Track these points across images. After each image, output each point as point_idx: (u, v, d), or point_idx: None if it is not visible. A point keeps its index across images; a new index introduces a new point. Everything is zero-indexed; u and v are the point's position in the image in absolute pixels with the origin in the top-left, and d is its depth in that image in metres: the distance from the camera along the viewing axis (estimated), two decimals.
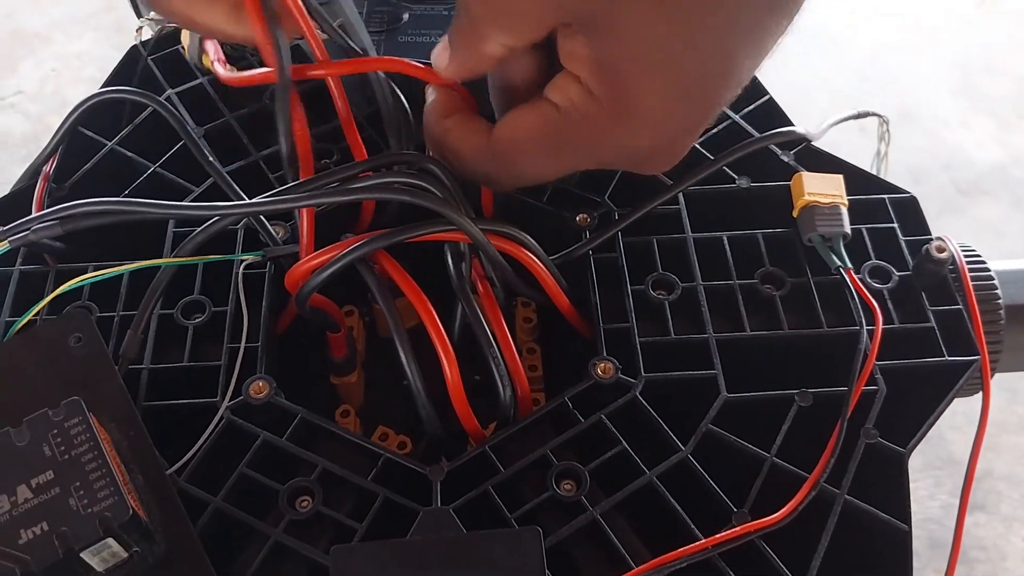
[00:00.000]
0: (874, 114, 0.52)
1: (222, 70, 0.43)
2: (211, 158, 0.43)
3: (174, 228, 0.42)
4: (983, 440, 0.40)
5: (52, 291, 0.40)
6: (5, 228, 0.38)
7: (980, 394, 0.41)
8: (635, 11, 0.29)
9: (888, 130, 0.56)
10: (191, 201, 0.44)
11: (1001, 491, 1.02)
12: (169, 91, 0.48)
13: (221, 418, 0.37)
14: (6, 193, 0.45)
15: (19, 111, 1.49)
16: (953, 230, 0.45)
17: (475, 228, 0.38)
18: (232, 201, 0.41)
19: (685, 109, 0.31)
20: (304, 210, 0.39)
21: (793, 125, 0.47)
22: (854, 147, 0.51)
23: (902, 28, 1.60)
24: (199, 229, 0.39)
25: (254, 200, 0.39)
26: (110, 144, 0.46)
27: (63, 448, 0.33)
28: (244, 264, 0.41)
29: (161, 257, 0.42)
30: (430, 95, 0.37)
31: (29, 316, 0.39)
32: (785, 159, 0.46)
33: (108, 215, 0.38)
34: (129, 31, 0.56)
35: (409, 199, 0.37)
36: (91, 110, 0.46)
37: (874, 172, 0.52)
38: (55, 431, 0.33)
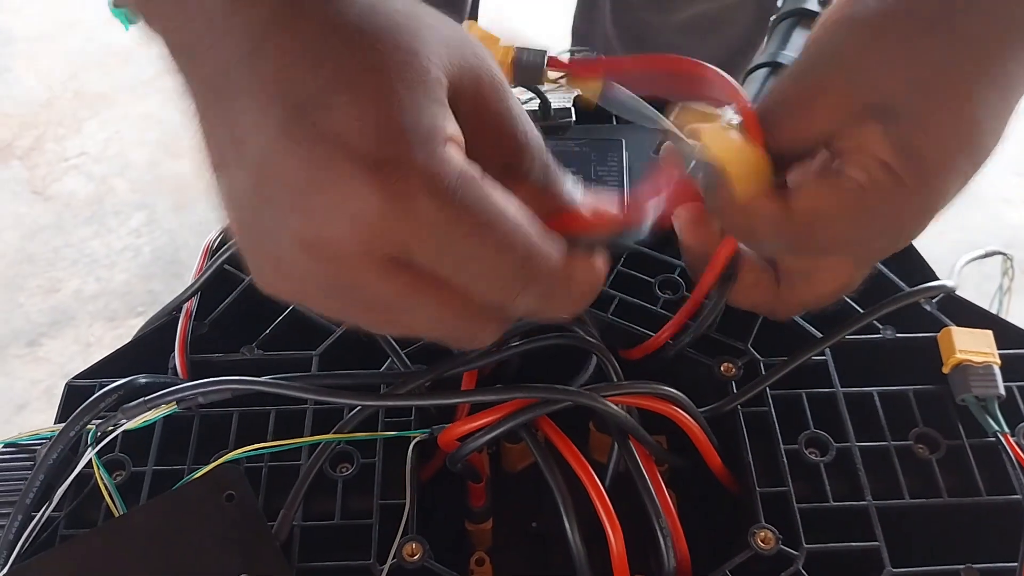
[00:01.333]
0: (1001, 253, 0.54)
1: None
2: None
3: None
4: None
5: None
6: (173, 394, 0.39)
7: None
8: (940, 106, 0.33)
9: (1012, 266, 0.57)
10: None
11: None
12: None
13: None
14: (147, 327, 0.45)
15: (83, 172, 1.51)
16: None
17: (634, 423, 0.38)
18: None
19: (972, 173, 0.35)
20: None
21: (933, 272, 0.46)
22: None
23: None
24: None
25: (403, 395, 0.39)
26: (248, 279, 0.46)
27: None
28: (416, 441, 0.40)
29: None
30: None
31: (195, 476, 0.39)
32: (929, 308, 0.45)
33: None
34: None
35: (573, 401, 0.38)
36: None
37: (995, 304, 0.52)
38: None
